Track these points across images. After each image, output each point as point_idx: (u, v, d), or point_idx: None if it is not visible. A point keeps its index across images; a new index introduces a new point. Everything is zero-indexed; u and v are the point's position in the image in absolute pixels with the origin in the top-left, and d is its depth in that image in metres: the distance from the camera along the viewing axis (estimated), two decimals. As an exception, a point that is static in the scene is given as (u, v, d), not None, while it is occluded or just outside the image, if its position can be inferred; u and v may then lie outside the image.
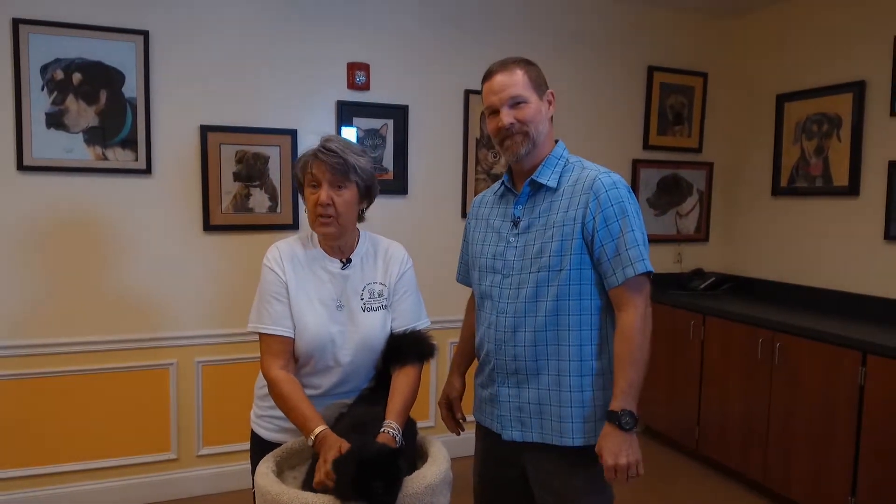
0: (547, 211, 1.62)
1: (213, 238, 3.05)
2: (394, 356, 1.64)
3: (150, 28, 2.86)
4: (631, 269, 1.52)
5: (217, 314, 3.08)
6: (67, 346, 2.84)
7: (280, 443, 1.62)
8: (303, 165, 1.61)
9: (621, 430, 1.50)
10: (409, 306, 1.71)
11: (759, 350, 3.10)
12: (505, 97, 1.60)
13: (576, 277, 1.57)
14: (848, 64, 3.36)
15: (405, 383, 1.59)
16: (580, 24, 3.70)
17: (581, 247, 1.56)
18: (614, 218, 1.54)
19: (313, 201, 1.59)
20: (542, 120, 1.63)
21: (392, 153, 3.34)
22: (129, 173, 2.89)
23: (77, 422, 2.88)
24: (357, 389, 1.68)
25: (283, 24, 3.10)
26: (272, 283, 1.61)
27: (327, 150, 1.57)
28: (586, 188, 1.58)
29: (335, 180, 1.58)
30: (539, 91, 1.63)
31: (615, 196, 1.55)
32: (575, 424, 1.59)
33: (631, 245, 1.53)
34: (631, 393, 1.52)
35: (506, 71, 1.61)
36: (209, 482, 3.10)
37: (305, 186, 1.62)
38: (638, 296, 1.54)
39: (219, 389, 3.08)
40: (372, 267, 1.70)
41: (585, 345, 1.59)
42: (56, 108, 2.75)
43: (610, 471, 1.51)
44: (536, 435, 1.64)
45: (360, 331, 1.64)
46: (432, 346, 1.67)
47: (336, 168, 1.56)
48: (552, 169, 1.65)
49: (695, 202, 4.12)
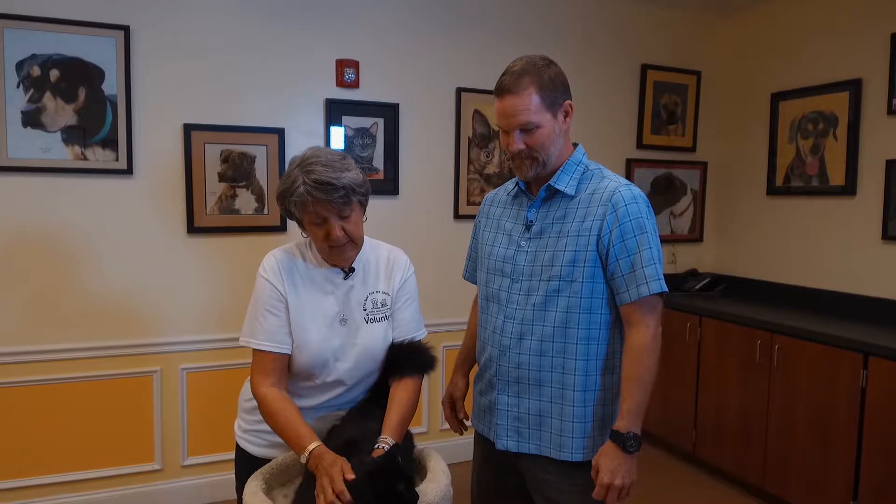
0: (562, 219, 1.58)
1: (198, 240, 2.96)
2: (393, 368, 1.58)
3: (130, 23, 2.77)
4: (646, 287, 1.49)
5: (202, 319, 2.99)
6: (45, 354, 2.74)
7: (269, 458, 1.54)
8: (300, 204, 1.46)
9: (625, 451, 1.47)
10: (410, 315, 1.64)
11: (758, 352, 3.06)
12: (514, 123, 1.53)
13: (587, 291, 1.53)
14: (844, 62, 3.32)
15: (404, 397, 1.53)
16: (573, 22, 3.65)
17: (595, 260, 1.53)
18: (632, 233, 1.50)
19: (322, 237, 1.49)
20: (555, 141, 1.56)
21: (382, 153, 3.26)
22: (109, 174, 2.79)
23: (56, 432, 2.78)
24: (356, 401, 1.62)
25: (270, 20, 3.02)
26: (268, 296, 1.52)
27: (322, 183, 1.42)
28: (605, 200, 1.53)
29: (341, 212, 1.48)
30: (553, 109, 1.54)
31: (634, 211, 1.51)
32: (576, 440, 1.56)
33: (647, 263, 1.49)
34: (637, 414, 1.49)
35: (517, 92, 1.51)
36: (195, 493, 3.01)
37: (306, 223, 1.51)
38: (650, 315, 1.51)
39: (204, 397, 2.99)
40: (374, 275, 1.63)
41: (592, 359, 1.56)
42: (32, 106, 2.65)
43: (603, 488, 1.48)
44: (534, 447, 1.61)
45: (363, 343, 1.57)
46: (433, 358, 1.63)
47: (340, 202, 1.45)
48: (570, 175, 1.60)
49: (689, 202, 4.08)
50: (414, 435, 1.63)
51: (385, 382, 1.58)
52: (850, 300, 3.26)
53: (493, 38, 3.44)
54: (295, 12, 3.06)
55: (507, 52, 3.50)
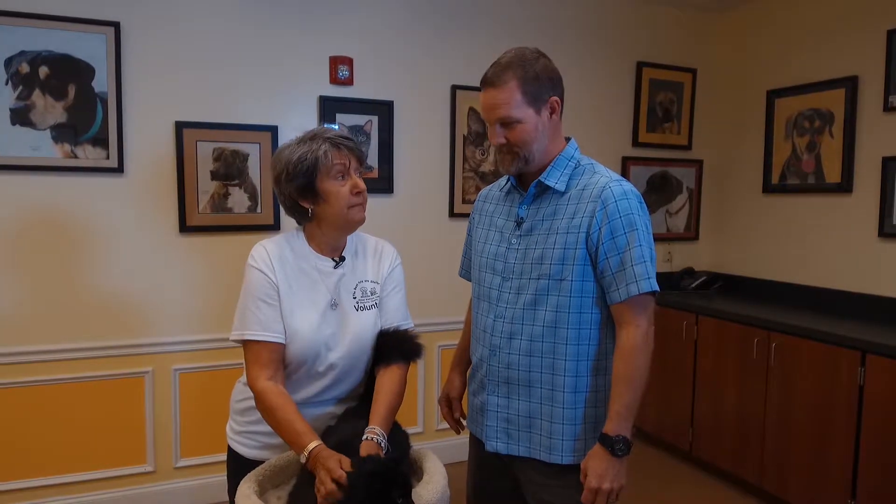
0: (552, 215, 1.54)
1: (190, 239, 2.93)
2: (379, 355, 1.57)
3: (121, 19, 2.73)
4: (635, 286, 1.44)
5: (195, 319, 2.95)
6: (35, 355, 2.70)
7: (262, 460, 1.51)
8: (321, 156, 1.48)
9: (613, 455, 1.44)
10: (397, 304, 1.63)
11: (755, 350, 3.05)
12: (493, 117, 1.50)
13: (577, 289, 1.49)
14: (840, 59, 3.31)
15: (389, 386, 1.51)
16: (568, 19, 3.63)
17: (584, 257, 1.49)
18: (622, 230, 1.45)
19: (348, 190, 1.51)
20: (538, 138, 1.51)
21: (377, 151, 3.24)
22: (100, 172, 2.75)
23: (46, 434, 2.74)
24: (348, 393, 1.60)
25: (263, 16, 2.98)
26: (261, 285, 1.49)
27: (342, 136, 1.53)
28: (594, 196, 1.49)
29: (358, 167, 1.55)
30: (536, 104, 1.49)
31: (625, 207, 1.46)
32: (566, 442, 1.53)
33: (637, 261, 1.44)
34: (627, 416, 1.45)
35: (498, 85, 1.48)
36: (188, 495, 2.97)
37: (329, 180, 1.49)
38: (641, 315, 1.47)
39: (197, 398, 2.95)
40: (363, 264, 1.63)
41: (582, 360, 1.52)
42: (21, 103, 2.61)
43: (591, 493, 1.45)
44: (523, 449, 1.58)
45: (353, 331, 1.55)
46: (419, 345, 1.61)
47: (358, 153, 1.54)
48: (561, 171, 1.55)
49: (685, 200, 4.07)
50: (410, 435, 1.61)
51: (375, 373, 1.57)
52: (847, 298, 3.25)
53: (487, 36, 3.41)
54: (288, 8, 3.03)
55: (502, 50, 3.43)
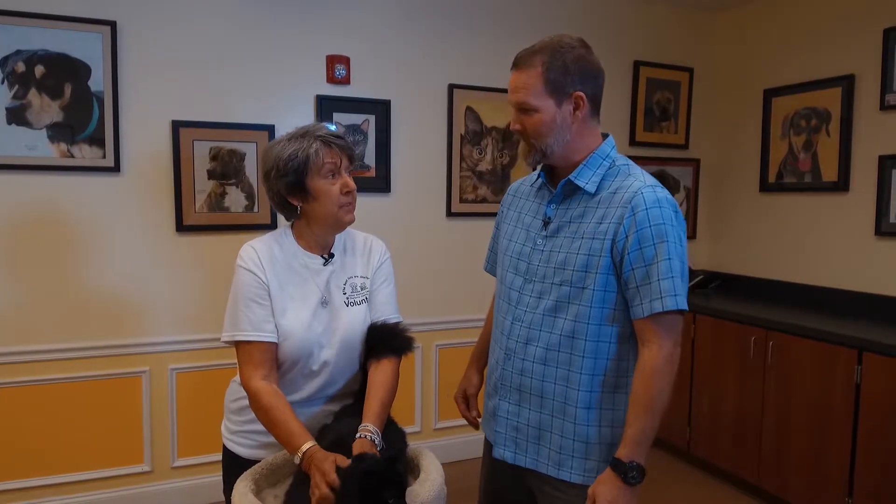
0: (579, 218, 1.44)
1: (187, 239, 2.92)
2: (369, 350, 1.56)
3: (117, 18, 2.72)
4: (659, 303, 1.33)
5: (191, 319, 2.94)
6: (31, 355, 2.69)
7: (257, 459, 1.50)
8: (312, 154, 1.47)
9: (625, 483, 1.35)
10: (387, 297, 1.63)
11: (752, 349, 3.05)
12: (513, 100, 1.44)
13: (599, 300, 1.39)
14: (837, 57, 3.32)
15: (381, 382, 1.51)
16: (565, 18, 3.62)
17: (609, 266, 1.38)
18: (650, 241, 1.34)
19: (338, 189, 1.50)
20: (556, 131, 1.41)
21: (374, 150, 3.23)
22: (96, 171, 2.74)
23: (43, 434, 2.73)
24: (343, 390, 1.59)
25: (260, 15, 2.98)
26: (251, 286, 1.49)
27: (334, 135, 1.52)
28: (625, 201, 1.38)
29: (349, 166, 1.54)
30: (557, 95, 1.39)
31: (656, 216, 1.35)
32: (576, 459, 1.45)
33: (664, 275, 1.33)
34: (643, 442, 1.37)
35: (523, 68, 1.41)
36: (185, 495, 2.96)
37: (319, 178, 1.49)
38: (665, 334, 1.36)
39: (194, 398, 2.95)
40: (352, 261, 1.62)
41: (598, 375, 1.43)
42: (17, 102, 2.60)
43: None
44: (531, 461, 1.51)
45: (343, 327, 1.55)
46: (409, 339, 1.59)
47: (349, 152, 1.53)
48: (594, 170, 1.44)
49: (682, 199, 4.07)
50: (407, 434, 1.61)
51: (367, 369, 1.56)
52: (844, 296, 3.26)
53: (485, 35, 3.41)
54: (285, 7, 3.02)
55: (500, 49, 3.51)
